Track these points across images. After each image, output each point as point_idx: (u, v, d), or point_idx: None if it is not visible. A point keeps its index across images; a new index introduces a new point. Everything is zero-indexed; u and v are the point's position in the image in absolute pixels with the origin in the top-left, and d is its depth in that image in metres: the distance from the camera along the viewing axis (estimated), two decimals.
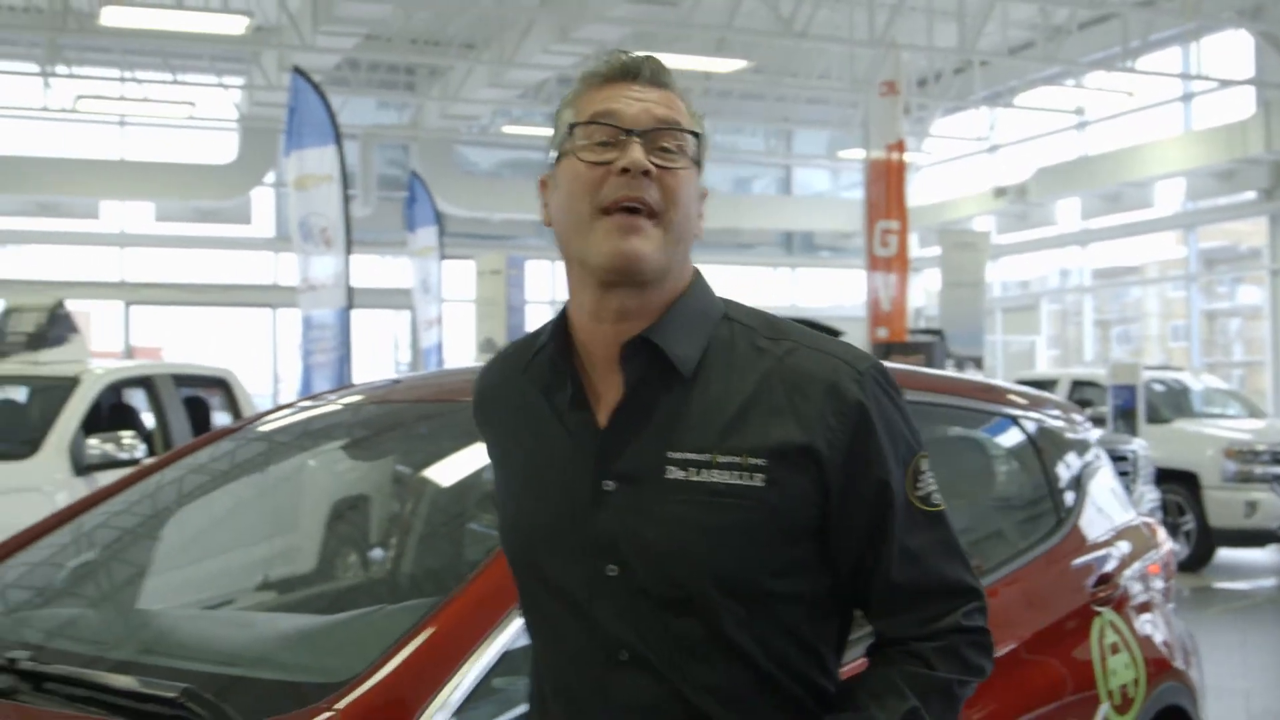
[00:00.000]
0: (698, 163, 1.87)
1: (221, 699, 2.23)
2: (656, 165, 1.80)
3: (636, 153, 1.79)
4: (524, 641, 2.10)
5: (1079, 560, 3.80)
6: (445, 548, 3.54)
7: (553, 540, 1.86)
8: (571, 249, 1.85)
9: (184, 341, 24.27)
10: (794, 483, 1.78)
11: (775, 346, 1.86)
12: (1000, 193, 25.34)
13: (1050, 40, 19.99)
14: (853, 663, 1.95)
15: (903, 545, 1.84)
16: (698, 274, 1.91)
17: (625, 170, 1.78)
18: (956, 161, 28.56)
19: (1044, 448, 4.02)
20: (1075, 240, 25.52)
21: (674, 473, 1.79)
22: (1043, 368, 23.79)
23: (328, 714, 2.18)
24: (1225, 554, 13.24)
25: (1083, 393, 14.37)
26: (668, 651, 1.78)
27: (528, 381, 1.95)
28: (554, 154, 1.89)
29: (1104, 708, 3.49)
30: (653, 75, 1.86)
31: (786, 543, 1.80)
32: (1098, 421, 10.88)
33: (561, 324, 1.90)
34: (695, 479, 1.78)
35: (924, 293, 26.37)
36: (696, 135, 1.86)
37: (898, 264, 15.02)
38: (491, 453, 2.06)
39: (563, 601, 1.85)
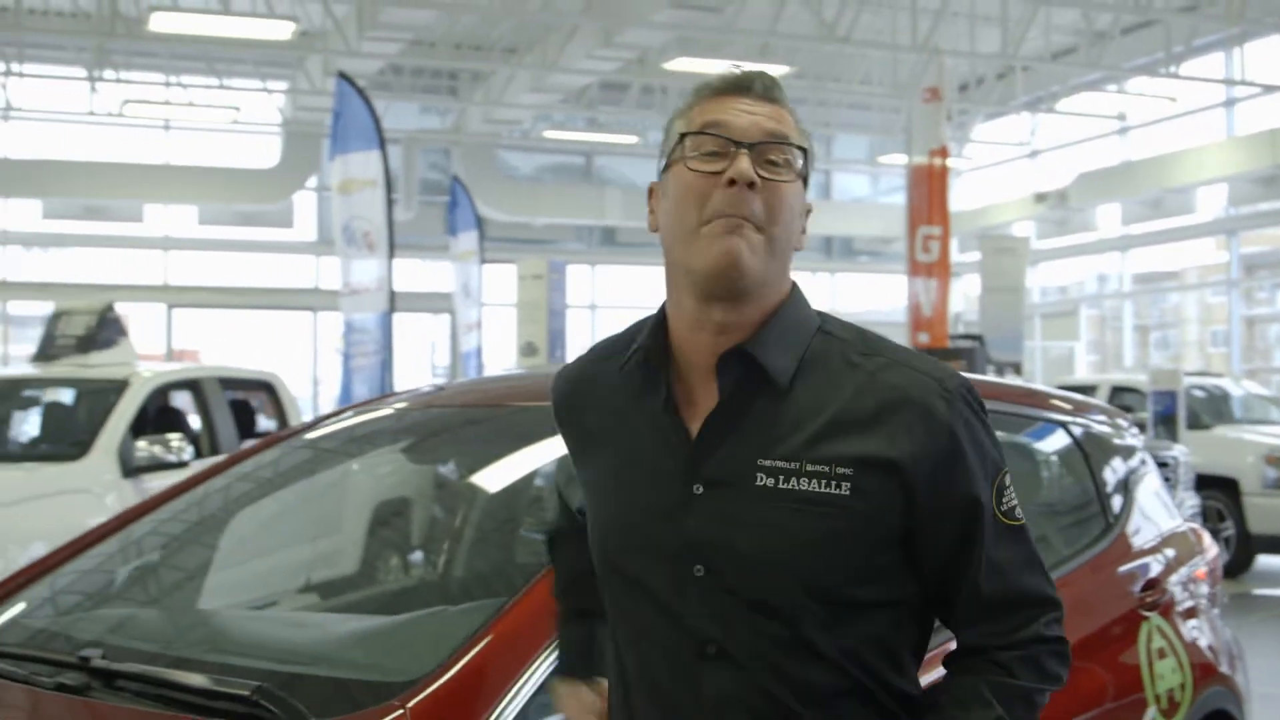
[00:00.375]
0: (804, 177, 1.89)
1: (292, 696, 2.26)
2: (762, 177, 1.83)
3: (744, 164, 1.81)
4: None
5: (1126, 566, 3.81)
6: (496, 553, 3.58)
7: (640, 539, 1.90)
8: (675, 255, 1.88)
9: (226, 344, 24.40)
10: (879, 494, 1.81)
11: (868, 361, 1.89)
12: (1041, 198, 25.25)
13: (1093, 45, 19.91)
14: (933, 649, 1.99)
15: (989, 558, 1.88)
16: (795, 287, 1.94)
17: (732, 181, 1.81)
18: (998, 167, 28.47)
19: (1091, 453, 4.02)
20: (1115, 246, 25.40)
21: (763, 480, 1.82)
22: (1082, 373, 23.68)
23: (398, 712, 2.21)
24: (1265, 560, 13.13)
25: (1123, 399, 14.28)
26: (754, 650, 1.82)
27: (619, 381, 1.98)
28: (663, 162, 1.92)
29: (1151, 712, 3.51)
30: (764, 90, 1.88)
31: (872, 551, 1.83)
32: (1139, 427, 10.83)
33: (659, 327, 1.93)
34: (783, 487, 1.81)
35: (963, 297, 26.29)
36: (804, 150, 1.89)
37: (939, 269, 14.97)
38: (574, 451, 2.08)
39: (648, 598, 1.88)
